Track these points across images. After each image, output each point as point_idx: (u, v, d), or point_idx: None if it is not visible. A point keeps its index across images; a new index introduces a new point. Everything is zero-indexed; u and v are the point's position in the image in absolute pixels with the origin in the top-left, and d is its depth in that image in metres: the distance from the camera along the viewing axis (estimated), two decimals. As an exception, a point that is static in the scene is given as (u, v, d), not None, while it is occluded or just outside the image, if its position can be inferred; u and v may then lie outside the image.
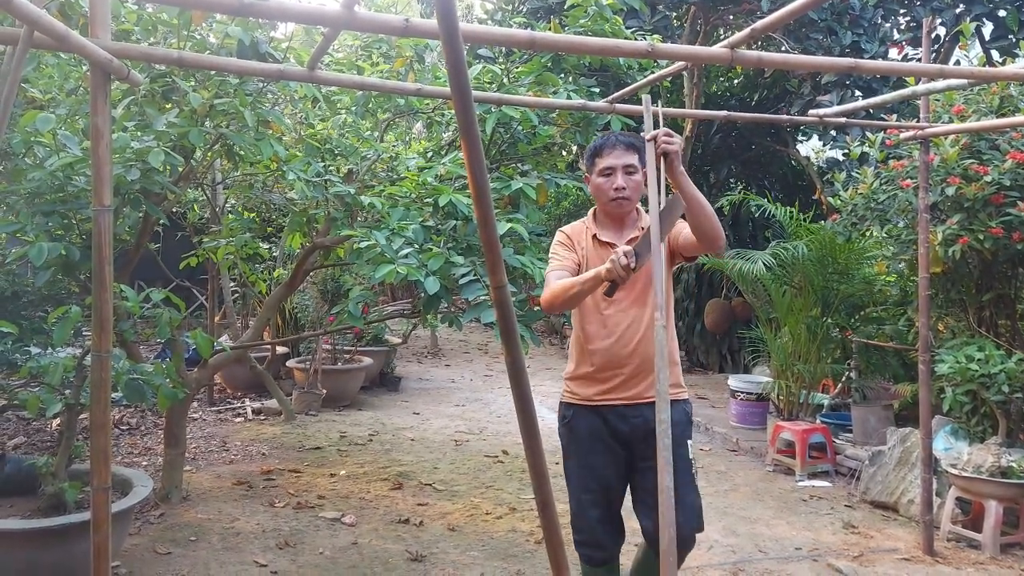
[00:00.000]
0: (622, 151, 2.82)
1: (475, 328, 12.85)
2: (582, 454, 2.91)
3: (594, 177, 2.88)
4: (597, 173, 2.86)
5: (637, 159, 2.80)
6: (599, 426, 2.87)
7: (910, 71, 4.00)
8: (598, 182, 2.86)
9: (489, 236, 1.50)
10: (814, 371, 6.53)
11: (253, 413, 7.28)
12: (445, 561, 4.08)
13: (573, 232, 2.94)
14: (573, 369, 2.97)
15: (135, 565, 3.90)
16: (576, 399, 2.94)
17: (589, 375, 2.90)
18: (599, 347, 2.85)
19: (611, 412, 2.87)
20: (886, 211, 5.43)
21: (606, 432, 2.87)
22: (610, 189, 2.82)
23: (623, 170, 2.81)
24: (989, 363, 4.65)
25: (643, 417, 2.80)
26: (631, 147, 2.82)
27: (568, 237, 2.93)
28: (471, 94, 1.42)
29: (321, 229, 5.18)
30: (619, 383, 2.85)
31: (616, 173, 2.82)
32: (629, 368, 2.84)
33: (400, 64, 4.98)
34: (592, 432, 2.89)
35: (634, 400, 2.85)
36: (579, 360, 2.94)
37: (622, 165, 2.81)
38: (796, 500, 5.31)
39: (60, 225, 3.76)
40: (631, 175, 2.82)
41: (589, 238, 2.90)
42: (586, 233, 2.92)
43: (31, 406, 3.36)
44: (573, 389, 2.96)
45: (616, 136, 2.90)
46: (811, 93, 8.49)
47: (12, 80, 2.27)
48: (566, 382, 3.00)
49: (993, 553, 4.32)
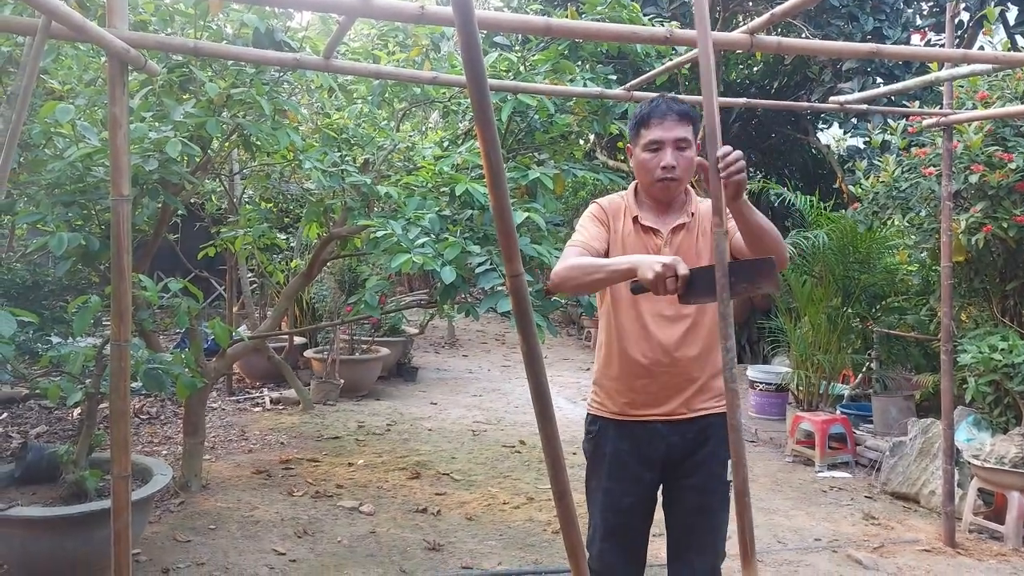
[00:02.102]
0: (673, 121, 2.34)
1: (492, 318, 12.86)
2: (603, 477, 2.51)
3: (637, 150, 2.41)
4: (642, 147, 2.38)
5: (691, 131, 2.36)
6: (627, 450, 2.46)
7: (933, 56, 3.93)
8: (643, 157, 2.39)
9: (505, 224, 1.48)
10: (834, 361, 6.48)
11: (271, 403, 7.33)
12: (462, 550, 4.09)
13: (610, 207, 2.49)
14: (602, 369, 2.53)
15: (155, 552, 3.93)
16: (604, 411, 2.50)
17: (619, 379, 2.46)
18: (632, 347, 2.43)
19: (644, 430, 2.43)
20: (908, 199, 5.36)
21: (635, 459, 2.46)
22: (657, 167, 2.35)
23: (673, 145, 2.34)
24: (1013, 353, 4.59)
25: (682, 437, 2.43)
26: (684, 117, 2.35)
27: (604, 212, 2.48)
28: (486, 81, 1.40)
29: (338, 219, 5.18)
30: (656, 392, 2.42)
31: (665, 148, 2.34)
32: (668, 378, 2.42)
33: (416, 53, 4.96)
34: (618, 456, 2.47)
35: (672, 416, 2.43)
36: (606, 359, 2.50)
37: (673, 139, 2.34)
38: (816, 491, 5.27)
39: (80, 215, 3.79)
40: (683, 151, 2.35)
41: (628, 219, 2.45)
42: (625, 212, 2.47)
43: (52, 394, 3.39)
44: (602, 398, 2.52)
45: (667, 102, 2.38)
46: (832, 80, 8.39)
47: (31, 70, 2.28)
48: (594, 387, 2.57)
49: (1016, 545, 4.27)
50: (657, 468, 2.47)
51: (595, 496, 2.54)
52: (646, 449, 2.44)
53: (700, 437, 2.44)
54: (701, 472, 2.45)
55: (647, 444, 2.44)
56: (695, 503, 2.46)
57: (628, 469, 2.45)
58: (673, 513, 2.52)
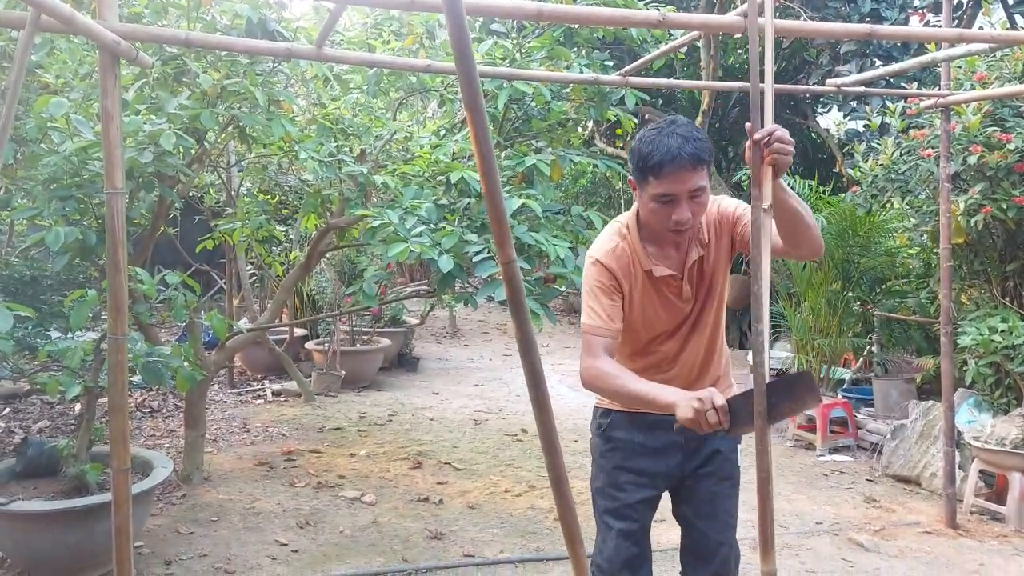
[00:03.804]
0: (688, 171, 2.03)
1: (493, 308, 12.86)
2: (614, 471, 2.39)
3: (644, 196, 2.13)
4: (650, 196, 2.10)
5: (706, 174, 2.08)
6: (641, 441, 2.36)
7: (929, 36, 3.91)
8: (651, 206, 2.11)
9: (496, 209, 1.47)
10: (835, 345, 6.48)
11: (273, 395, 7.34)
12: (464, 539, 4.10)
13: (618, 266, 2.21)
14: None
15: (157, 545, 3.94)
16: (615, 405, 2.39)
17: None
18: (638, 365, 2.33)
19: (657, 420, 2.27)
20: (907, 182, 5.35)
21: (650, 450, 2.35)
22: (668, 219, 2.10)
23: (689, 196, 2.06)
24: (1013, 334, 4.58)
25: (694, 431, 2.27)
26: (699, 162, 2.04)
27: (612, 275, 2.21)
28: (474, 64, 1.39)
29: (335, 210, 5.17)
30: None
31: (679, 202, 2.07)
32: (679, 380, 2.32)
33: (411, 42, 4.94)
34: (631, 447, 2.37)
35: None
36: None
37: (687, 192, 2.06)
38: (817, 475, 5.28)
39: (76, 210, 3.78)
40: (697, 198, 2.08)
41: (640, 273, 2.23)
42: (633, 264, 2.23)
43: (50, 389, 3.40)
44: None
45: (678, 142, 2.02)
46: (830, 64, 8.36)
47: (20, 63, 2.27)
48: None
49: (1017, 526, 4.27)
50: (674, 457, 2.37)
51: (606, 493, 2.41)
52: (662, 438, 2.32)
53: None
54: (716, 459, 2.40)
55: (663, 434, 2.30)
56: (710, 491, 2.41)
57: (643, 459, 2.35)
58: (687, 503, 2.43)
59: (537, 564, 3.82)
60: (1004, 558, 3.95)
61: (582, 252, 4.07)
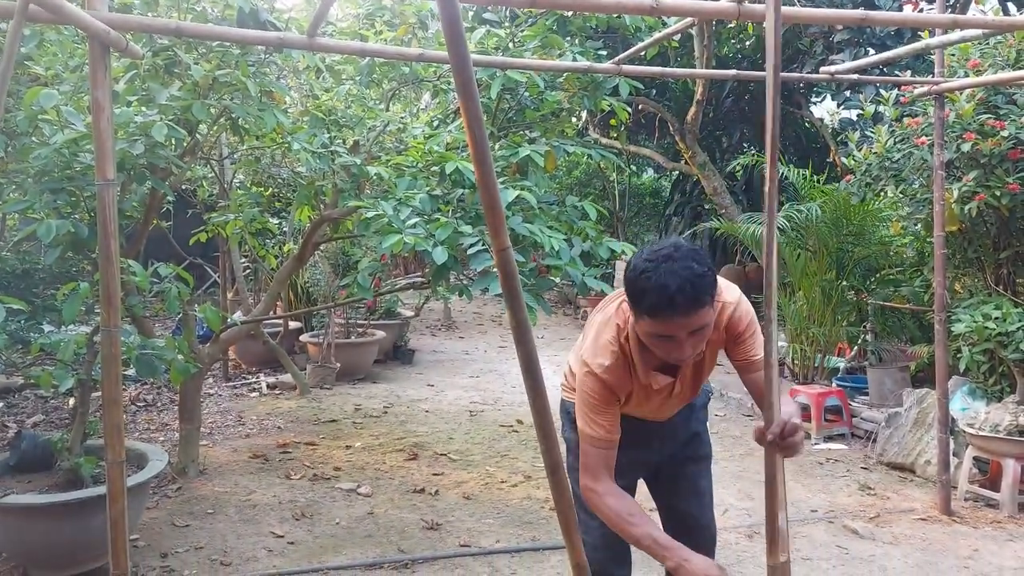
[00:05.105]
0: (689, 315, 1.86)
1: (488, 300, 12.85)
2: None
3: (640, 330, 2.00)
4: (646, 333, 1.97)
5: (711, 309, 1.90)
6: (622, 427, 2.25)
7: (923, 22, 3.89)
8: (650, 341, 1.99)
9: (490, 197, 1.46)
10: (829, 334, 6.49)
11: (268, 388, 7.33)
12: (460, 529, 4.10)
13: (618, 384, 2.14)
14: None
15: (153, 538, 3.94)
16: None
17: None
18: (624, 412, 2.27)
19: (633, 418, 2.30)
20: (901, 170, 5.34)
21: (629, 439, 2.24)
22: (667, 354, 2.00)
23: (690, 335, 1.92)
24: (1006, 321, 4.59)
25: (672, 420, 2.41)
26: (699, 305, 1.86)
27: (612, 392, 2.14)
28: (468, 52, 1.38)
29: (329, 202, 5.15)
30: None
31: (678, 341, 1.93)
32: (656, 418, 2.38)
33: (403, 32, 4.92)
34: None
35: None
36: None
37: (688, 333, 1.91)
38: (812, 463, 5.30)
39: (68, 202, 3.76)
40: (698, 334, 1.93)
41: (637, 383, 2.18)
42: (631, 374, 2.16)
43: (43, 382, 3.38)
44: None
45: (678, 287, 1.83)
46: (824, 53, 8.35)
47: (8, 54, 2.25)
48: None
49: (1011, 512, 4.29)
50: (656, 444, 2.42)
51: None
52: (640, 428, 2.33)
53: (686, 411, 2.46)
54: (695, 442, 2.52)
55: (640, 424, 2.33)
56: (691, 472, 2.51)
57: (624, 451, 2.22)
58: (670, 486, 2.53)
59: (533, 554, 3.82)
60: (998, 544, 3.97)
61: (576, 243, 4.07)
